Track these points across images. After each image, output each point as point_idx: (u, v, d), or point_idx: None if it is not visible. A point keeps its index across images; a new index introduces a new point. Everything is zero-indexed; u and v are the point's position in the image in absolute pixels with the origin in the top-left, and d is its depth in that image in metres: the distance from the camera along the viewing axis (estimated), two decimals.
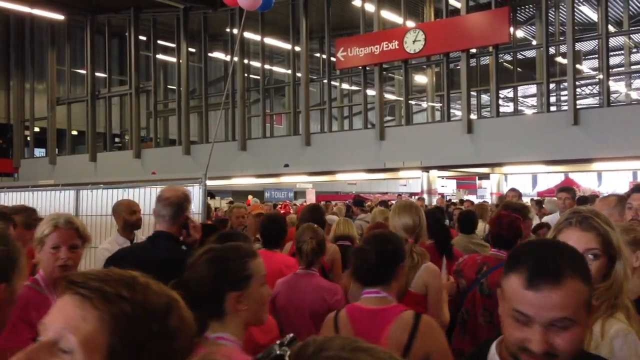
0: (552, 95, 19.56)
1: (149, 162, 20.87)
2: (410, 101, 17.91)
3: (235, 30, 19.40)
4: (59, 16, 20.91)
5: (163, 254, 2.75)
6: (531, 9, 18.98)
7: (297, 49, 18.65)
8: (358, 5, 17.76)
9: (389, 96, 21.56)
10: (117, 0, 21.00)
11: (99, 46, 22.65)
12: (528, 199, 13.94)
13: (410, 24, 16.94)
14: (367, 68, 17.35)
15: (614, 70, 19.54)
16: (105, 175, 19.20)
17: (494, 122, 15.55)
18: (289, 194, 25.92)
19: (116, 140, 25.04)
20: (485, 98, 20.97)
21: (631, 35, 18.77)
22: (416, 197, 17.44)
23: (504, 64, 18.01)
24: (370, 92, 18.01)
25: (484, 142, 15.08)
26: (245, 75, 19.93)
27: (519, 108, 24.92)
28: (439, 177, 17.78)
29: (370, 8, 17.19)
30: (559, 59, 17.43)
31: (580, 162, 15.77)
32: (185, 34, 20.47)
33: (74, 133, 24.30)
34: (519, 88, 21.49)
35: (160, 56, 22.36)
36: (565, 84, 15.87)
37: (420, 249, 3.21)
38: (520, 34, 20.09)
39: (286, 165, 17.91)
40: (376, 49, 16.63)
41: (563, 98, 21.29)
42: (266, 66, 20.24)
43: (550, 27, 15.99)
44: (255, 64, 20.49)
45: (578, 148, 13.59)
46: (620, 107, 17.62)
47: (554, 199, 10.28)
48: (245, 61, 19.99)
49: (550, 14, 16.16)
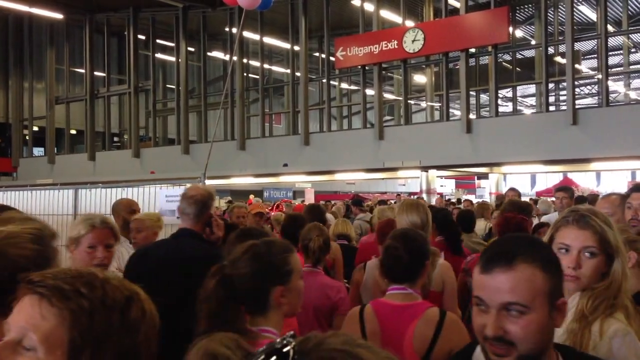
0: (551, 95, 19.56)
1: (147, 162, 20.85)
2: (409, 101, 17.92)
3: (234, 30, 19.38)
4: (58, 15, 20.89)
5: (187, 252, 2.80)
6: (530, 9, 18.98)
7: (296, 48, 18.64)
8: (357, 4, 17.75)
9: (388, 96, 21.55)
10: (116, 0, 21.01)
11: (97, 45, 22.62)
12: (527, 198, 13.94)
13: (409, 23, 16.95)
14: (366, 67, 17.35)
15: (612, 70, 19.56)
16: (104, 175, 19.19)
17: (493, 122, 15.56)
18: (288, 193, 25.90)
19: (115, 139, 25.02)
20: (484, 98, 20.98)
21: (630, 35, 18.77)
22: (415, 197, 17.43)
23: (503, 63, 18.01)
24: (370, 92, 18.01)
25: (483, 142, 15.09)
26: (245, 74, 19.92)
27: (518, 108, 24.93)
28: (437, 177, 17.78)
29: (369, 7, 17.18)
30: (558, 59, 17.44)
31: (579, 162, 15.78)
32: (184, 33, 20.46)
33: (73, 132, 24.29)
34: (518, 88, 21.49)
35: (159, 55, 22.34)
36: (564, 84, 15.91)
37: (433, 248, 3.24)
38: (519, 33, 20.09)
39: (285, 165, 17.91)
40: (375, 48, 16.63)
41: (562, 98, 21.32)
42: (265, 65, 20.23)
43: (549, 27, 16.00)
44: (255, 63, 20.47)
45: (577, 148, 13.60)
46: (619, 107, 17.62)
47: (547, 200, 10.32)
48: (245, 60, 19.98)
49: (549, 14, 16.16)
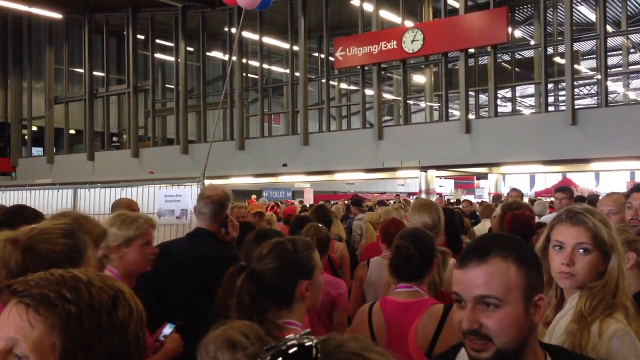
0: (550, 96, 19.53)
1: (146, 162, 20.85)
2: (408, 101, 17.92)
3: (233, 30, 19.38)
4: (57, 15, 20.88)
5: (203, 252, 2.85)
6: (529, 9, 18.98)
7: (296, 48, 18.63)
8: (356, 4, 17.76)
9: (387, 96, 21.54)
10: None
11: (97, 45, 22.61)
12: (526, 199, 13.95)
13: (408, 23, 16.96)
14: (366, 68, 17.35)
15: (612, 70, 19.57)
16: (103, 175, 19.17)
17: (492, 122, 15.57)
18: (287, 193, 25.90)
19: (114, 139, 25.01)
20: (483, 98, 20.96)
21: (629, 36, 18.77)
22: (414, 197, 17.43)
23: (502, 63, 18.02)
24: (369, 92, 18.00)
25: (482, 142, 15.09)
26: (244, 74, 19.92)
27: (517, 108, 24.95)
28: (437, 177, 17.79)
29: (368, 7, 17.18)
30: (557, 59, 17.45)
31: (578, 162, 15.79)
32: (183, 33, 20.45)
33: (72, 132, 24.27)
34: (517, 88, 21.51)
35: (158, 55, 22.33)
36: (564, 84, 15.92)
37: (443, 248, 3.28)
38: (518, 34, 20.09)
39: (284, 165, 17.90)
40: (374, 48, 16.63)
41: (561, 98, 21.32)
42: (264, 65, 20.23)
43: (548, 27, 16.01)
44: (254, 63, 20.47)
45: (576, 148, 13.60)
46: (618, 108, 17.63)
47: (543, 200, 10.35)
48: (244, 60, 19.97)
49: (548, 14, 16.17)
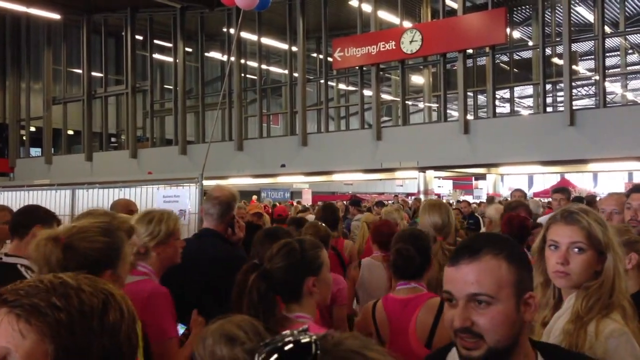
0: (549, 96, 19.55)
1: (145, 162, 20.84)
2: (407, 101, 17.93)
3: (232, 30, 19.38)
4: (55, 15, 20.86)
5: (210, 253, 2.87)
6: (528, 10, 19.02)
7: (294, 49, 18.64)
8: (355, 5, 17.77)
9: (386, 96, 21.55)
10: (114, 0, 20.96)
11: (95, 46, 22.59)
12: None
13: (407, 24, 16.96)
14: (364, 68, 17.36)
15: (610, 71, 19.60)
16: (101, 175, 19.17)
17: (491, 123, 15.58)
18: (286, 194, 25.91)
19: (112, 140, 24.98)
20: (481, 99, 20.97)
21: (627, 37, 18.81)
22: (413, 198, 17.44)
23: (501, 64, 18.04)
24: (367, 93, 18.01)
25: (481, 143, 15.10)
26: (242, 75, 19.92)
27: (516, 109, 24.99)
28: (435, 178, 17.83)
29: (367, 8, 17.19)
30: (555, 60, 17.48)
31: (576, 163, 15.82)
32: (182, 34, 20.44)
33: (70, 133, 24.25)
34: (516, 89, 21.56)
35: (156, 56, 22.32)
36: (562, 85, 15.94)
37: (450, 247, 3.31)
38: (516, 34, 20.12)
39: (283, 166, 17.91)
40: (373, 49, 16.64)
41: (559, 99, 21.36)
42: (263, 66, 20.23)
43: (546, 28, 16.04)
44: (252, 63, 20.46)
45: (574, 149, 13.62)
46: (616, 108, 17.67)
47: (537, 200, 10.38)
48: (242, 61, 19.97)
49: (546, 15, 16.20)
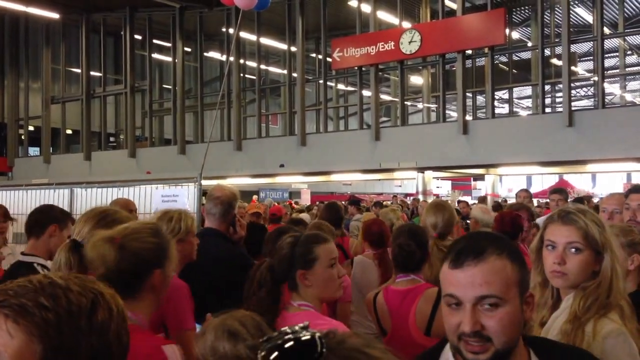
0: (547, 97, 19.56)
1: (144, 162, 20.82)
2: (405, 102, 17.94)
3: (231, 30, 19.37)
4: (54, 15, 20.83)
5: (212, 252, 2.89)
6: (527, 11, 19.04)
7: (293, 49, 18.64)
8: (354, 5, 17.77)
9: (385, 97, 21.56)
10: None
11: (94, 45, 22.57)
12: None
13: (406, 24, 16.96)
14: (363, 68, 17.36)
15: (609, 72, 19.63)
16: (99, 175, 19.16)
17: (489, 124, 15.59)
18: (284, 194, 25.89)
19: (111, 139, 24.95)
20: (480, 99, 21.00)
21: (626, 38, 18.84)
22: (411, 198, 17.45)
23: (500, 65, 18.06)
24: (366, 93, 18.01)
25: (479, 143, 15.11)
26: (241, 75, 19.90)
27: (514, 109, 25.01)
28: (434, 178, 17.82)
29: (366, 9, 17.19)
30: (554, 61, 17.50)
31: (574, 164, 15.82)
32: (181, 34, 20.43)
33: (69, 132, 24.21)
34: (514, 89, 21.57)
35: (155, 55, 22.30)
36: (561, 86, 15.96)
37: (444, 244, 3.37)
38: (515, 35, 20.13)
39: (282, 166, 17.90)
40: (372, 49, 16.64)
41: (558, 100, 21.37)
42: (262, 66, 20.22)
43: (545, 29, 16.05)
44: (251, 63, 20.46)
45: (573, 150, 13.63)
46: (615, 109, 17.69)
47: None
48: (241, 61, 19.96)
49: (545, 16, 16.22)
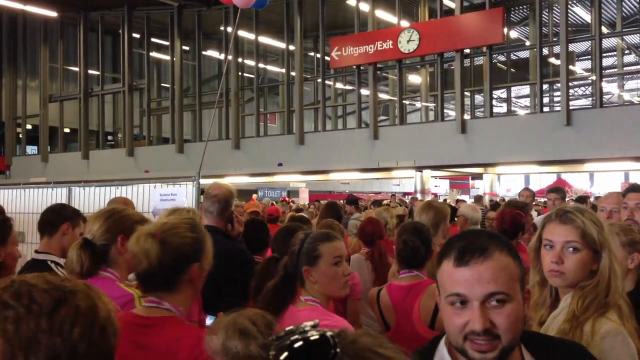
0: (545, 96, 19.64)
1: (142, 161, 20.79)
2: (404, 101, 17.95)
3: (229, 29, 19.35)
4: (52, 13, 20.79)
5: (214, 249, 2.91)
6: (525, 10, 19.05)
7: (292, 47, 18.63)
8: (352, 4, 17.76)
9: (383, 96, 21.57)
10: None
11: (92, 44, 22.53)
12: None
13: (404, 23, 16.97)
14: (361, 67, 17.36)
15: (607, 71, 19.66)
16: (97, 174, 19.12)
17: (488, 123, 15.61)
18: (282, 193, 25.90)
19: (109, 138, 24.93)
20: (478, 98, 21.03)
21: (624, 37, 18.86)
22: (410, 197, 17.47)
23: (498, 64, 18.07)
24: (364, 92, 18.01)
25: (478, 142, 15.12)
26: (240, 73, 19.88)
27: (512, 108, 25.02)
28: (432, 177, 17.83)
29: (364, 7, 17.19)
30: (553, 60, 17.51)
31: (572, 163, 15.85)
32: (179, 32, 20.40)
33: (67, 131, 24.17)
34: (513, 88, 21.58)
35: (153, 54, 22.27)
36: (559, 85, 15.96)
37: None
38: (513, 34, 20.15)
39: (280, 164, 17.90)
40: (370, 48, 16.64)
41: (556, 99, 21.41)
42: (260, 65, 20.21)
43: (543, 28, 16.05)
44: (250, 62, 20.45)
45: (570, 149, 13.65)
46: (613, 109, 17.72)
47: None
48: (240, 60, 19.95)
49: (544, 15, 16.22)
